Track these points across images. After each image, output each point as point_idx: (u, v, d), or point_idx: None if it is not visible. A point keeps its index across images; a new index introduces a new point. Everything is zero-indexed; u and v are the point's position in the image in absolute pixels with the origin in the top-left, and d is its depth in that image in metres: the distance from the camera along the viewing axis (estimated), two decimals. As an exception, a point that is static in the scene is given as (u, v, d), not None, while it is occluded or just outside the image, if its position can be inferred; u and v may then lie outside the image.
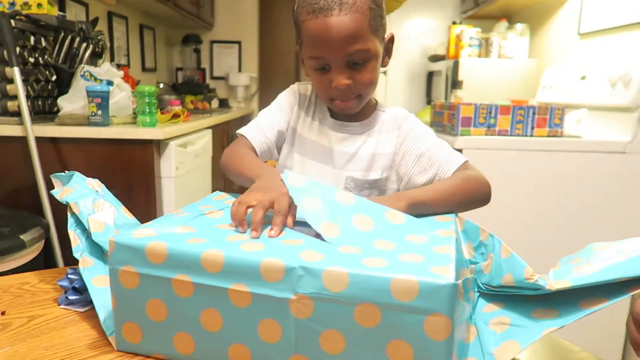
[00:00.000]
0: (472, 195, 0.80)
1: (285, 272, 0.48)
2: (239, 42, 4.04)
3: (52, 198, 1.64)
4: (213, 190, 2.53)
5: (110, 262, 0.54)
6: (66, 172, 0.71)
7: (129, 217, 0.70)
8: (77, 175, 0.71)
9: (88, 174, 1.79)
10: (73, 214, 0.68)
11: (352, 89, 0.83)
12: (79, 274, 0.70)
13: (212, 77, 4.06)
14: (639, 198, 1.71)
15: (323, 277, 0.47)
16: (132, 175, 1.74)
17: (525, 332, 0.49)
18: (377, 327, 0.46)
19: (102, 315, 0.60)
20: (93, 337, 0.59)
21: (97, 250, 0.67)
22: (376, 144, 0.91)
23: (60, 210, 1.67)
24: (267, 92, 4.94)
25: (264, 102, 4.44)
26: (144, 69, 3.42)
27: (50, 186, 1.63)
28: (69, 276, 0.69)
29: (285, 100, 0.97)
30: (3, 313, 0.65)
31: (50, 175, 0.71)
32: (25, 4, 1.81)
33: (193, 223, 0.61)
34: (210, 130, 2.41)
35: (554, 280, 0.49)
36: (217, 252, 0.50)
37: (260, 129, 0.92)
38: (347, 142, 0.92)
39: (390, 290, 0.45)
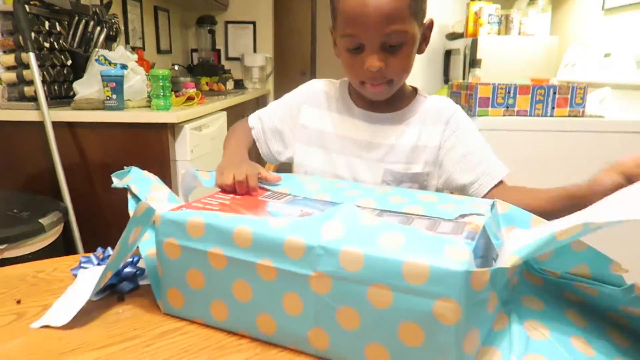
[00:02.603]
0: None
1: (306, 250, 0.51)
2: (253, 23, 4.01)
3: (69, 182, 1.67)
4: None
5: (157, 234, 0.59)
6: (125, 167, 0.77)
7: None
8: (135, 169, 0.77)
9: (104, 157, 1.81)
10: (133, 196, 0.73)
11: (384, 73, 0.79)
12: (92, 262, 0.71)
13: (227, 58, 4.04)
14: (663, 180, 1.66)
15: (340, 257, 0.49)
16: (147, 158, 1.75)
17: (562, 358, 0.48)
18: (389, 308, 0.47)
19: (152, 282, 0.65)
20: (105, 326, 0.60)
21: (153, 226, 0.70)
22: (419, 135, 0.87)
23: (78, 194, 1.70)
24: (282, 72, 4.92)
25: (279, 83, 4.41)
26: (159, 51, 3.42)
27: (67, 170, 1.66)
28: (82, 265, 0.69)
29: (293, 100, 0.97)
30: (19, 302, 0.66)
31: (111, 175, 0.76)
32: (39, -12, 1.81)
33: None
34: (224, 113, 2.40)
35: None
36: (246, 227, 0.54)
37: (260, 121, 0.99)
38: (383, 133, 0.88)
39: (402, 273, 0.46)
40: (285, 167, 1.10)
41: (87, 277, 0.69)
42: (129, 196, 0.73)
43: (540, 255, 0.56)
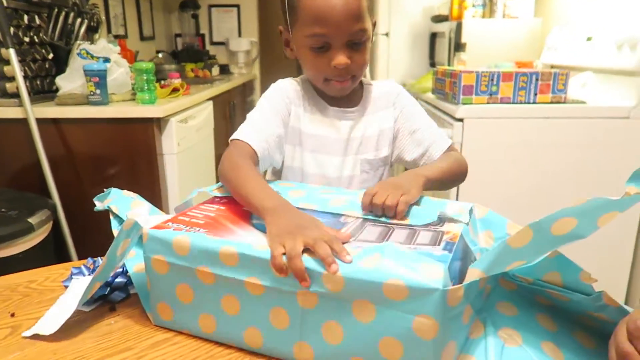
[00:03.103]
0: (458, 176, 0.91)
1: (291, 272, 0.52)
2: (237, 6, 3.95)
3: (57, 178, 1.67)
4: (217, 164, 2.53)
5: (145, 251, 0.61)
6: (105, 190, 0.80)
7: (162, 213, 0.77)
8: (114, 190, 0.79)
9: (90, 153, 1.81)
10: (116, 216, 0.75)
11: (349, 69, 0.84)
12: (82, 273, 0.73)
13: (212, 43, 3.99)
14: (642, 164, 1.70)
15: (323, 279, 0.51)
16: (134, 153, 1.75)
17: None
18: (372, 322, 0.49)
19: (141, 296, 0.67)
20: (98, 338, 0.62)
21: (139, 243, 0.72)
22: (378, 122, 0.95)
23: (66, 190, 1.70)
24: (268, 55, 4.86)
25: (265, 67, 4.38)
26: (142, 37, 3.37)
27: (54, 166, 1.66)
28: (73, 277, 0.71)
29: (279, 102, 0.91)
30: (12, 315, 0.67)
31: (93, 199, 0.79)
32: (16, -19, 1.77)
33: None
34: (211, 102, 2.39)
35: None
36: (232, 249, 0.55)
37: (258, 133, 0.84)
38: (355, 127, 0.94)
39: (382, 291, 0.48)
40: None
41: (78, 287, 0.71)
42: (111, 217, 0.75)
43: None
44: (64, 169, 1.74)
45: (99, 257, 0.77)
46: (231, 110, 3.04)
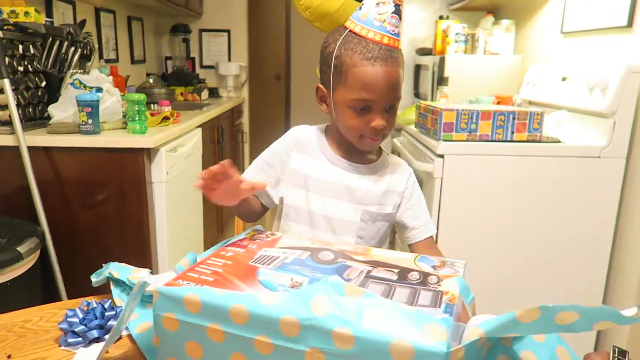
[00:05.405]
0: None
1: (301, 329, 0.55)
2: (228, 31, 4.03)
3: (46, 204, 1.69)
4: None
5: (154, 309, 0.62)
6: (103, 265, 0.85)
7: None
8: (112, 263, 0.85)
9: (81, 181, 1.84)
10: (116, 284, 0.80)
11: (382, 129, 0.96)
12: (77, 315, 0.76)
13: (202, 67, 4.06)
14: (612, 201, 1.79)
15: (332, 336, 0.53)
16: (123, 182, 1.78)
17: None
18: None
19: (148, 355, 0.69)
20: (92, 381, 0.66)
21: (139, 304, 0.77)
22: (388, 182, 1.05)
23: (55, 216, 1.73)
24: (257, 77, 4.95)
25: (254, 88, 4.46)
26: (132, 61, 3.42)
27: (44, 194, 1.68)
28: (68, 319, 0.75)
29: (281, 146, 1.06)
30: (9, 356, 0.70)
31: (91, 276, 0.85)
32: (13, 12, 1.82)
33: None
34: (199, 129, 2.44)
35: None
36: (241, 306, 0.57)
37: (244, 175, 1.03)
38: (360, 180, 1.03)
39: (389, 353, 0.51)
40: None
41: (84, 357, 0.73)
42: (112, 286, 0.80)
43: None
44: (54, 196, 1.76)
45: (92, 300, 0.80)
46: (219, 134, 3.09)
